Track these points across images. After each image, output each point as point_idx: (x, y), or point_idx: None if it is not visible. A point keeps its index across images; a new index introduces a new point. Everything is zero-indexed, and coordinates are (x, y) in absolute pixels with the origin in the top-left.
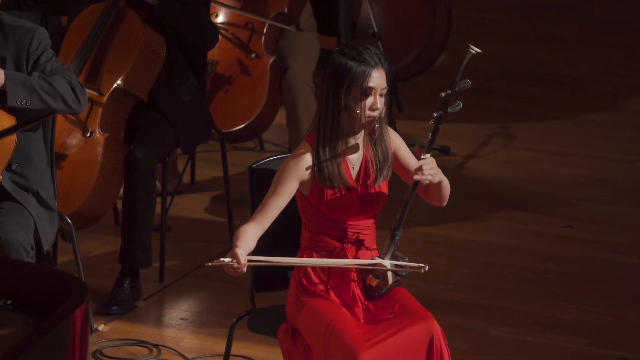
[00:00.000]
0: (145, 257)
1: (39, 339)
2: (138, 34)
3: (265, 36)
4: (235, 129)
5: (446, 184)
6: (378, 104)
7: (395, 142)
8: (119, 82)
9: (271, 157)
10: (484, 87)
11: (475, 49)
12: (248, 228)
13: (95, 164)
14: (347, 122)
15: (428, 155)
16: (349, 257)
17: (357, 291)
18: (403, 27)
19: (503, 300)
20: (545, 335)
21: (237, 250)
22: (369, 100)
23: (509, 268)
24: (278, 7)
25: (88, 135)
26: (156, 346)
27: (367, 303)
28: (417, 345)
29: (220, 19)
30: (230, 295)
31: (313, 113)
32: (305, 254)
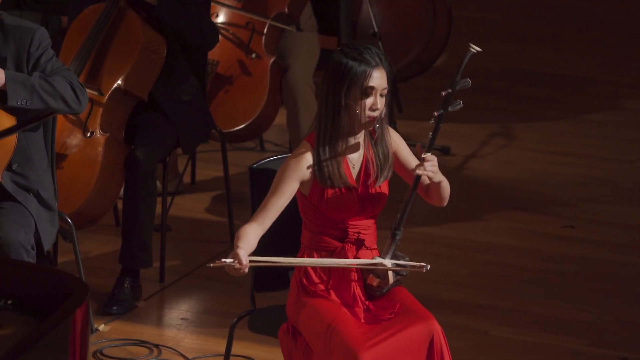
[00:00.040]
0: (145, 257)
1: (39, 339)
2: (138, 34)
3: (266, 36)
4: (235, 129)
5: (446, 185)
6: (378, 104)
7: (396, 142)
8: (119, 82)
9: (272, 157)
10: (484, 87)
11: (475, 47)
12: (249, 228)
13: (96, 164)
14: (347, 122)
15: (428, 155)
16: (349, 257)
17: (358, 291)
18: (403, 27)
19: (503, 300)
20: (546, 335)
21: (239, 251)
22: (369, 100)
23: (509, 268)
24: (278, 7)
25: (88, 135)
26: (157, 346)
27: (367, 303)
28: (418, 345)
29: (221, 19)
30: (230, 295)
31: (313, 113)
32: (306, 254)
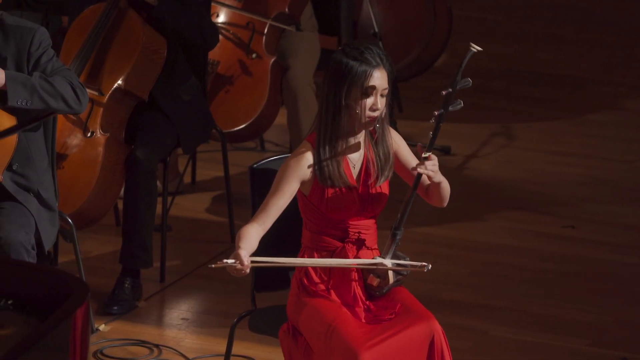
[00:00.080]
0: (146, 257)
1: (39, 339)
2: (139, 34)
3: (266, 36)
4: (236, 129)
5: (446, 185)
6: (379, 104)
7: (397, 142)
8: (119, 82)
9: (272, 157)
10: (485, 87)
11: (476, 47)
12: (250, 229)
13: (96, 164)
14: (347, 122)
15: (429, 154)
16: (349, 257)
17: (358, 291)
18: (404, 27)
19: (503, 300)
20: (546, 335)
21: (240, 251)
22: (370, 101)
23: (509, 268)
24: (279, 7)
25: (89, 135)
26: (157, 346)
27: (368, 303)
28: (418, 345)
29: (221, 19)
30: (231, 295)
31: (314, 113)
32: (306, 254)
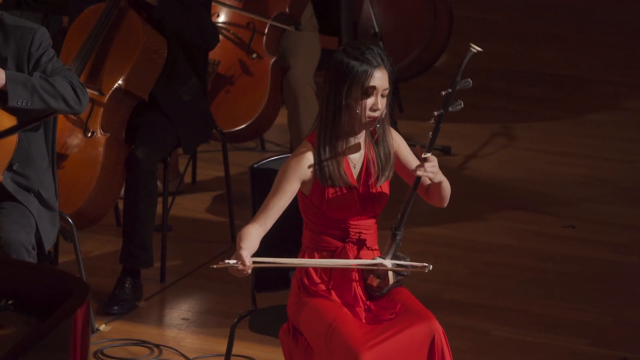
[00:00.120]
0: (146, 257)
1: (40, 339)
2: (139, 34)
3: (267, 36)
4: (236, 129)
5: (446, 185)
6: (379, 105)
7: (397, 142)
8: (120, 82)
9: (272, 157)
10: (485, 87)
11: (476, 47)
12: (251, 229)
13: (97, 164)
14: (347, 121)
15: (429, 155)
16: (350, 257)
17: (359, 291)
18: (404, 27)
19: (504, 300)
20: (546, 335)
21: (242, 252)
22: (370, 101)
23: (509, 268)
24: (279, 7)
25: (89, 135)
26: (157, 346)
27: (368, 303)
28: (419, 345)
29: (222, 19)
30: (231, 295)
31: (314, 113)
32: (307, 254)
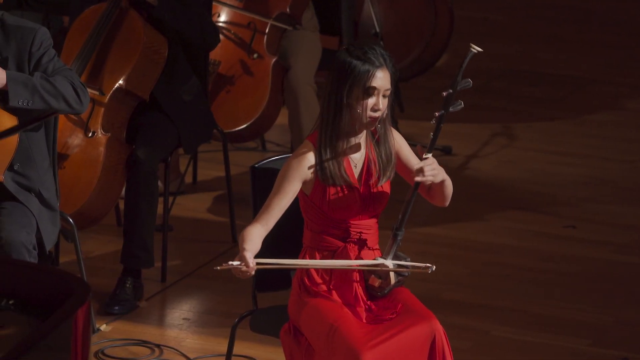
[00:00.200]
0: (147, 257)
1: (41, 339)
2: (140, 34)
3: (268, 36)
4: (237, 129)
5: (449, 183)
6: (380, 105)
7: (398, 142)
8: (120, 82)
9: (273, 157)
10: (485, 87)
11: (476, 48)
12: (253, 229)
13: (97, 164)
14: (348, 121)
15: (429, 155)
16: (351, 257)
17: (360, 291)
18: (405, 27)
19: (504, 300)
20: (546, 335)
21: (246, 253)
22: (371, 101)
23: (509, 268)
24: (280, 7)
25: (90, 135)
26: (158, 346)
27: (369, 303)
28: (420, 345)
29: (223, 18)
30: (232, 295)
31: (315, 113)
32: (308, 254)
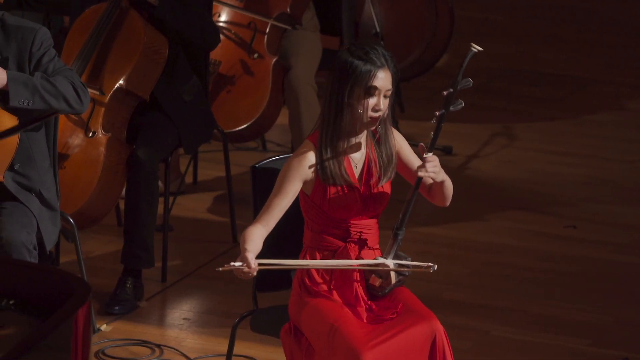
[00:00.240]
0: (147, 257)
1: (41, 339)
2: (140, 34)
3: (268, 36)
4: (237, 129)
5: (449, 184)
6: (381, 105)
7: (399, 142)
8: (121, 81)
9: (274, 157)
10: (486, 87)
11: (477, 47)
12: (254, 230)
13: (98, 164)
14: (349, 121)
15: (431, 154)
16: (351, 257)
17: (360, 291)
18: (405, 27)
19: (504, 300)
20: (546, 336)
21: (247, 254)
22: (372, 101)
23: (510, 268)
24: (281, 7)
25: (90, 135)
26: (158, 346)
27: (370, 303)
28: (420, 345)
29: (223, 18)
30: (232, 295)
31: (315, 113)
32: (308, 254)
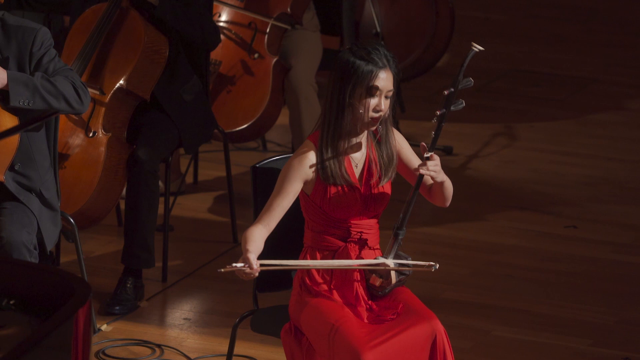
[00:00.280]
0: (148, 257)
1: (41, 339)
2: (141, 34)
3: (268, 36)
4: (238, 128)
5: (449, 185)
6: (382, 106)
7: (399, 142)
8: (121, 81)
9: (274, 157)
10: (487, 87)
11: (478, 46)
12: (255, 230)
13: (98, 164)
14: (350, 121)
15: (432, 154)
16: (352, 257)
17: (361, 291)
18: (406, 27)
19: (506, 300)
20: (548, 335)
21: (249, 255)
22: (374, 101)
23: (511, 268)
24: (281, 7)
25: (91, 135)
26: (159, 346)
27: (370, 303)
28: (421, 345)
29: (223, 18)
30: (233, 295)
31: (316, 113)
32: (309, 254)
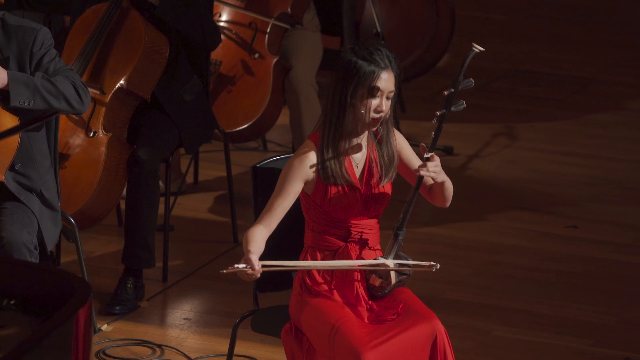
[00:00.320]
0: (148, 257)
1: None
2: (141, 34)
3: (269, 36)
4: (238, 129)
5: (449, 185)
6: (383, 106)
7: (399, 142)
8: (122, 81)
9: (274, 157)
10: (488, 87)
11: (478, 47)
12: (256, 231)
13: (99, 164)
14: (351, 121)
15: (432, 154)
16: (352, 257)
17: (361, 291)
18: (406, 27)
19: (506, 300)
20: (549, 335)
21: (251, 256)
22: (375, 102)
23: (511, 268)
24: (281, 7)
25: (91, 135)
26: (159, 346)
27: (370, 303)
28: (421, 345)
29: (224, 18)
30: (233, 295)
31: (316, 113)
32: (309, 254)
